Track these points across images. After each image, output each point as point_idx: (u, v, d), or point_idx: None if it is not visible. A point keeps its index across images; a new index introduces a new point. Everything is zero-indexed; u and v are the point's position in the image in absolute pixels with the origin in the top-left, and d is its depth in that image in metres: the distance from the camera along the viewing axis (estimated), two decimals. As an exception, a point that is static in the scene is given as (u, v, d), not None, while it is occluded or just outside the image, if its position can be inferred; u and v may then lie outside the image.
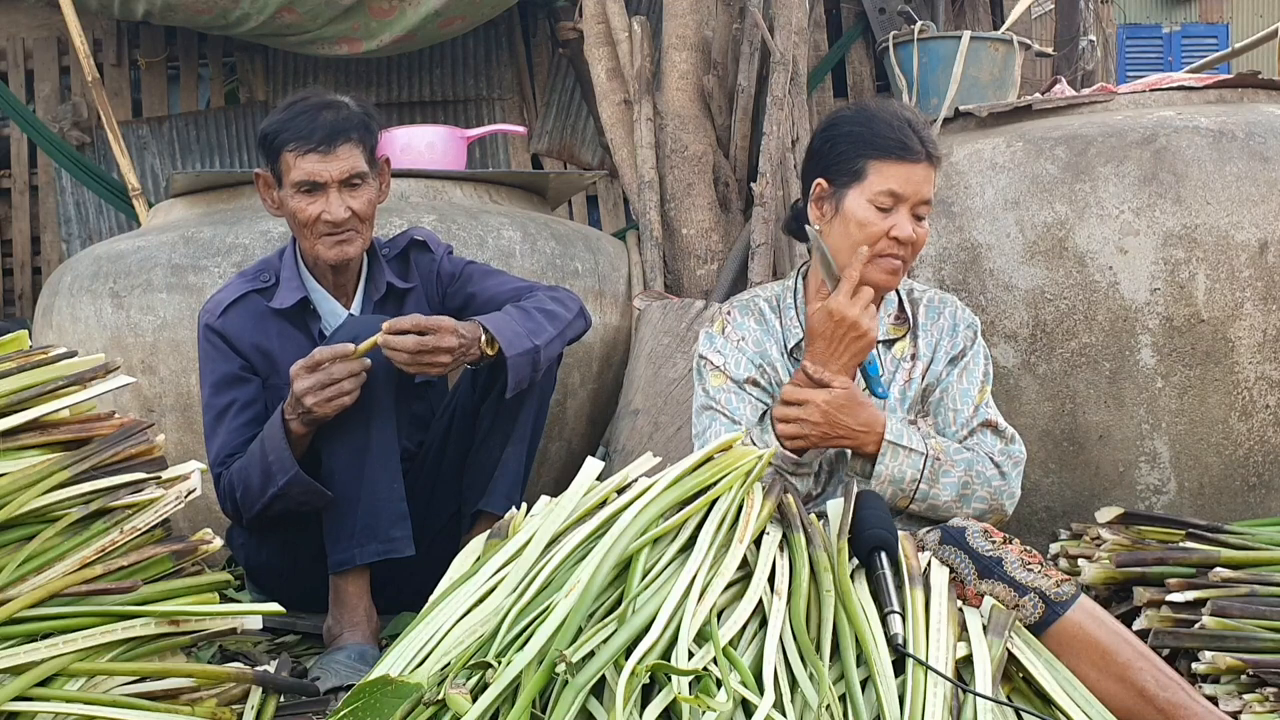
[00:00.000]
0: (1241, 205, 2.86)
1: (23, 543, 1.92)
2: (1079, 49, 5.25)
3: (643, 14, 4.12)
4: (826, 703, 1.69)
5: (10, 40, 5.55)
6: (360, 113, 2.72)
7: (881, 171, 2.38)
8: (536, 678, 1.61)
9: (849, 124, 2.46)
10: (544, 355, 2.65)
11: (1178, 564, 2.33)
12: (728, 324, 2.51)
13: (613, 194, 5.55)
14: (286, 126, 2.67)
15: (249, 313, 2.73)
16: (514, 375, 2.59)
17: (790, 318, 2.51)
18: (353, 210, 2.67)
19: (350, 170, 2.66)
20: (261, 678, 1.98)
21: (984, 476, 2.40)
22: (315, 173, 2.64)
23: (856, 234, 2.38)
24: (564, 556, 1.83)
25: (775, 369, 2.47)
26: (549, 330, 2.68)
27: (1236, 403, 2.86)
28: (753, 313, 2.53)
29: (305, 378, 2.46)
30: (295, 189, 2.66)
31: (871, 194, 2.38)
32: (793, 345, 2.49)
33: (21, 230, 5.66)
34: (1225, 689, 2.10)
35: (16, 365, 2.08)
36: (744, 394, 2.44)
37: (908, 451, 2.36)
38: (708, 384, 2.48)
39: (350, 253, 2.71)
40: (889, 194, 2.37)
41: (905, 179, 2.38)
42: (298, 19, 4.67)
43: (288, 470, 2.51)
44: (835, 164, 2.43)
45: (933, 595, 1.93)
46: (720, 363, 2.47)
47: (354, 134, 2.67)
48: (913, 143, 2.39)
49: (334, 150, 2.64)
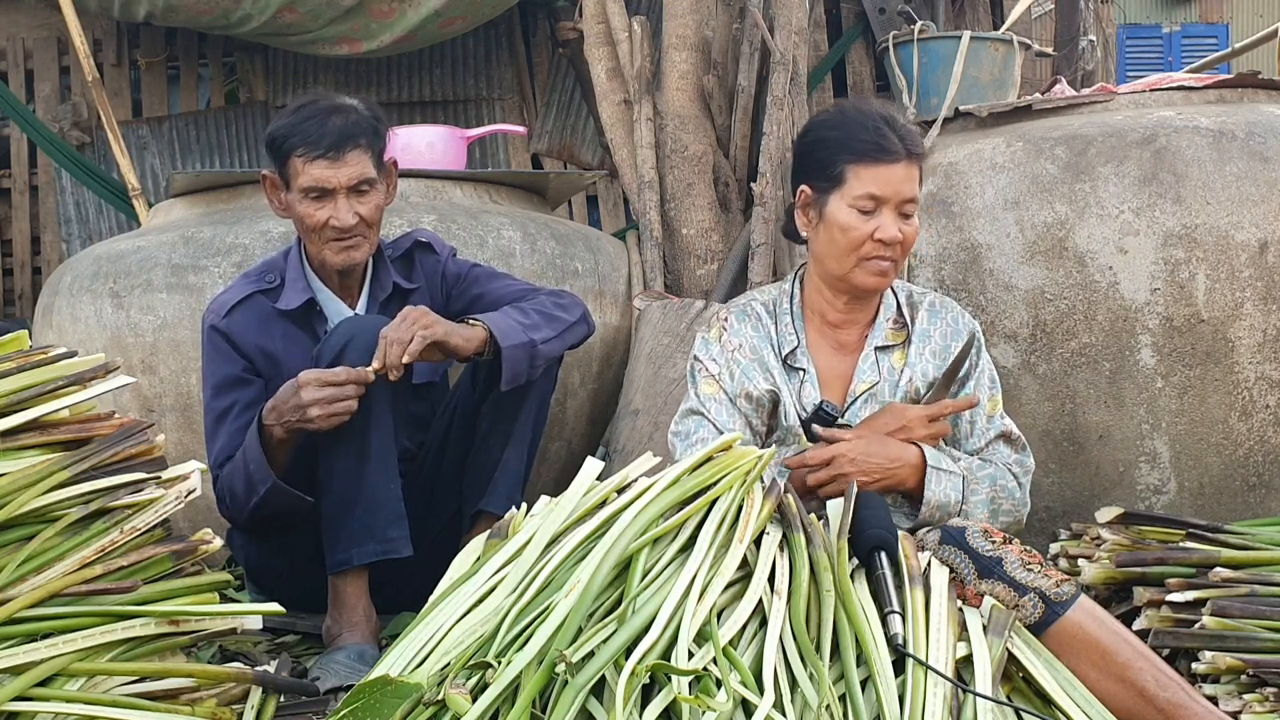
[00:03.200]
0: (1241, 205, 2.86)
1: (23, 543, 1.92)
2: (1079, 49, 5.25)
3: (643, 14, 4.12)
4: (826, 703, 1.69)
5: (10, 40, 5.55)
6: (369, 116, 2.71)
7: (860, 175, 2.35)
8: (536, 678, 1.61)
9: (825, 128, 2.44)
10: (541, 353, 2.65)
11: (1178, 564, 2.33)
12: (725, 331, 2.49)
13: (613, 194, 5.55)
14: (295, 131, 2.65)
15: (254, 314, 2.73)
16: (509, 368, 2.59)
17: (786, 324, 2.49)
18: (360, 216, 2.66)
19: (359, 177, 2.65)
20: (261, 678, 1.98)
21: (1007, 490, 2.42)
22: (323, 179, 2.63)
23: (841, 240, 2.37)
24: (564, 556, 1.83)
25: (771, 374, 2.46)
26: (546, 330, 2.68)
27: (1236, 403, 2.86)
28: (750, 318, 2.51)
29: (317, 390, 2.45)
30: (303, 194, 2.66)
31: (852, 198, 2.36)
32: (786, 352, 2.47)
33: (21, 230, 5.67)
34: (1225, 689, 2.10)
35: (16, 365, 2.08)
36: (734, 409, 2.43)
37: (948, 474, 2.37)
38: (700, 389, 2.47)
39: (356, 258, 2.71)
40: (869, 197, 2.35)
41: (885, 180, 2.35)
42: (299, 19, 4.67)
43: (266, 480, 2.52)
44: (815, 170, 2.42)
45: (933, 595, 1.93)
46: (715, 371, 2.46)
47: (363, 139, 2.66)
48: (889, 143, 2.36)
49: (343, 157, 2.63)
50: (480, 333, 2.59)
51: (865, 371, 2.46)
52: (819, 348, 2.49)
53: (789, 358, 2.46)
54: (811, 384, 2.44)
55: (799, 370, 2.46)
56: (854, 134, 2.38)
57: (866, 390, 2.44)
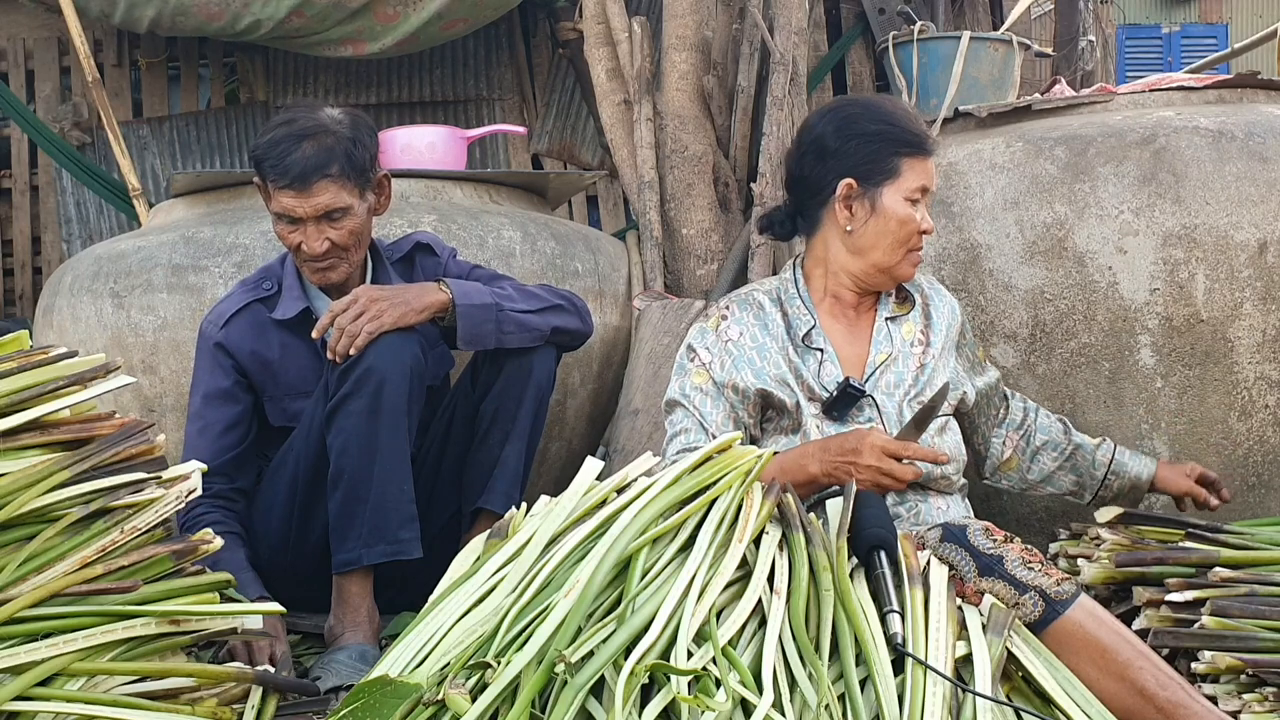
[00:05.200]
0: (1241, 205, 2.86)
1: (23, 543, 1.92)
2: (1079, 49, 5.26)
3: (643, 14, 4.12)
4: (825, 702, 1.69)
5: (11, 40, 5.55)
6: (347, 138, 2.63)
7: (914, 168, 2.45)
8: (536, 678, 1.62)
9: (872, 122, 2.48)
10: (511, 319, 2.64)
11: (1177, 564, 2.33)
12: (724, 320, 2.50)
13: (613, 194, 5.55)
14: (267, 155, 2.62)
15: (251, 323, 2.73)
16: (466, 326, 2.59)
17: (797, 306, 2.50)
18: (331, 242, 2.63)
19: (327, 207, 2.61)
20: (262, 677, 1.98)
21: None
22: (291, 208, 2.61)
23: (898, 231, 2.44)
24: (564, 556, 1.83)
25: (775, 361, 2.45)
26: (522, 303, 2.68)
27: (1236, 403, 2.87)
28: (751, 307, 2.51)
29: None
30: (276, 217, 2.66)
31: (907, 190, 2.44)
32: (804, 333, 2.47)
33: (22, 230, 5.67)
34: (1225, 689, 2.10)
35: (17, 365, 2.08)
36: (720, 399, 2.44)
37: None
38: (689, 378, 2.47)
39: (333, 279, 2.69)
40: (921, 189, 2.45)
41: (929, 173, 2.48)
42: (306, 22, 4.69)
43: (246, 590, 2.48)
44: (865, 163, 2.45)
45: (932, 594, 1.94)
46: (706, 360, 2.46)
47: (334, 167, 2.59)
48: (928, 137, 2.50)
49: (309, 188, 2.59)
50: (440, 297, 2.59)
51: (880, 342, 2.48)
52: (833, 328, 2.50)
53: (806, 338, 2.47)
54: (832, 362, 2.45)
55: (817, 351, 2.46)
56: (906, 127, 2.47)
57: (884, 361, 2.46)
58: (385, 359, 2.50)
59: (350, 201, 2.63)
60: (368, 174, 2.68)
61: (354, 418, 2.51)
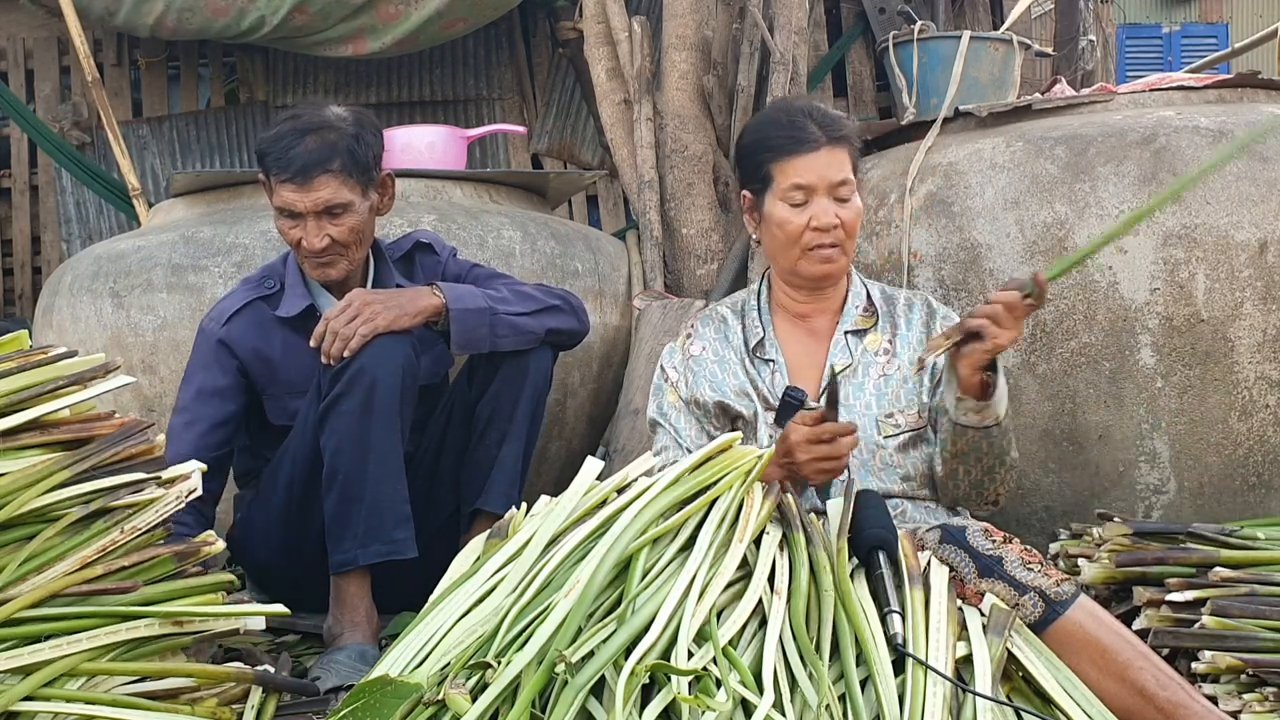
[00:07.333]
0: (1241, 205, 2.86)
1: (23, 543, 1.92)
2: (1079, 49, 5.25)
3: (643, 14, 4.12)
4: (826, 702, 1.69)
5: (10, 40, 5.56)
6: (350, 135, 2.64)
7: (783, 170, 2.43)
8: (536, 678, 1.61)
9: (748, 133, 2.54)
10: (505, 321, 2.65)
11: (1177, 564, 2.34)
12: (688, 339, 2.56)
13: (613, 194, 5.55)
14: (271, 149, 2.64)
15: (253, 321, 2.73)
16: (460, 331, 2.60)
17: (753, 318, 2.55)
18: (332, 238, 2.64)
19: (327, 202, 2.61)
20: (261, 678, 1.98)
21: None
22: (291, 203, 2.62)
23: (780, 234, 2.44)
24: (564, 556, 1.84)
25: (735, 373, 2.49)
26: (517, 306, 2.69)
27: (1236, 402, 2.87)
28: (714, 321, 2.57)
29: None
30: (278, 212, 2.66)
31: (781, 194, 2.43)
32: (754, 344, 2.51)
33: (22, 230, 5.67)
34: (1225, 689, 2.10)
35: (16, 365, 2.08)
36: (690, 414, 2.50)
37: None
38: (664, 397, 2.54)
39: (333, 275, 2.70)
40: (796, 188, 2.42)
41: (807, 169, 2.41)
42: (309, 20, 4.70)
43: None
44: (748, 174, 2.51)
45: (932, 594, 1.94)
46: (674, 379, 2.53)
47: (335, 162, 2.60)
48: (805, 133, 2.42)
49: (310, 182, 2.60)
50: (434, 301, 2.59)
51: (837, 354, 2.48)
52: (789, 339, 2.53)
53: (757, 349, 2.50)
54: (781, 373, 2.48)
55: (769, 362, 2.50)
56: (770, 132, 2.47)
57: (840, 371, 2.45)
58: (377, 359, 2.50)
59: (351, 198, 2.64)
60: (370, 172, 2.68)
61: (347, 418, 2.51)
